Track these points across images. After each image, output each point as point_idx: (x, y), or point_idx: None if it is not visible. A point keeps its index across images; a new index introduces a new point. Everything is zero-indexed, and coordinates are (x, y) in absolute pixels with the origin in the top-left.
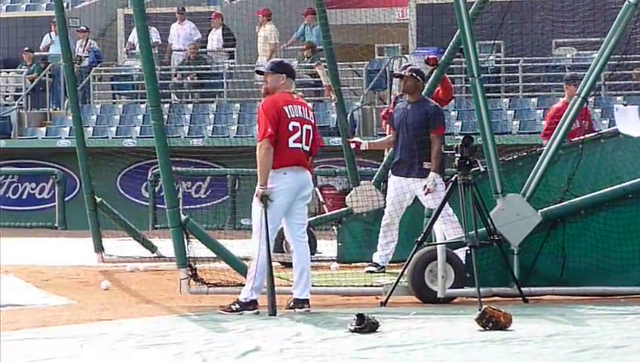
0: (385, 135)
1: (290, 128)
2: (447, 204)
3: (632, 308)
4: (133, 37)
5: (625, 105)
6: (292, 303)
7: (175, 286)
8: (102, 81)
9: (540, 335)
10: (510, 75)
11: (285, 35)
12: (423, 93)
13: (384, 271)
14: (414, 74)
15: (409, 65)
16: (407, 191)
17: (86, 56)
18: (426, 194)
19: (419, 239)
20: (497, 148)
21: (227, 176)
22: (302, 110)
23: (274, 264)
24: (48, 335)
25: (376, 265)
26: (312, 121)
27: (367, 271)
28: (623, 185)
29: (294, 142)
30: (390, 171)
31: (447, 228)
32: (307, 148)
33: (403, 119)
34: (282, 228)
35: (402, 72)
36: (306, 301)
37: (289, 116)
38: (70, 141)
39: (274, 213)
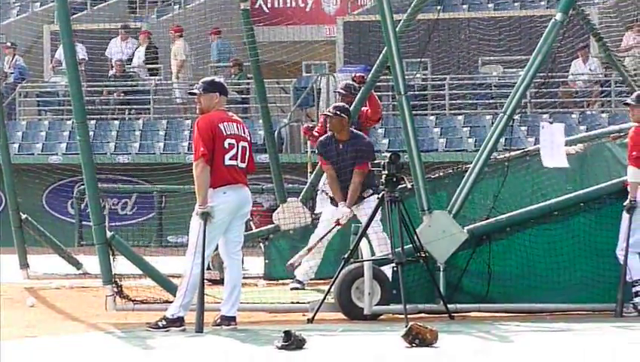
0: (307, 152)
1: (226, 145)
2: (376, 221)
3: (557, 324)
4: (60, 53)
5: (551, 122)
6: (219, 320)
7: (101, 303)
8: (27, 97)
9: (467, 351)
10: (437, 92)
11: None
12: (351, 111)
13: (304, 288)
14: (338, 112)
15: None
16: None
17: (12, 73)
18: (336, 225)
19: (346, 256)
20: (424, 165)
21: (154, 193)
22: (237, 127)
23: None
24: None
25: (299, 281)
26: (248, 137)
27: (292, 288)
28: (549, 202)
29: (230, 159)
30: (329, 200)
31: (376, 246)
32: (243, 166)
33: (336, 157)
34: None
35: (327, 111)
36: (234, 318)
37: (225, 133)
38: None
39: (213, 230)
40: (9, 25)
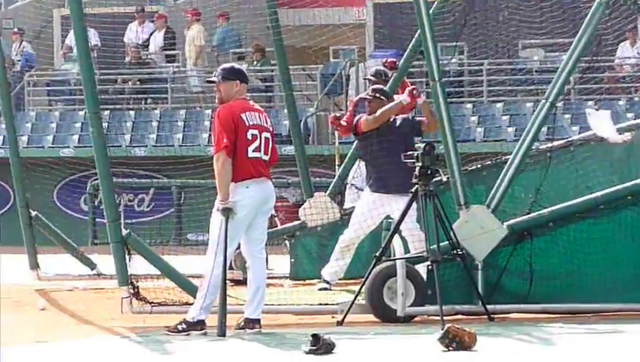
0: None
1: (249, 136)
2: (410, 217)
3: (604, 326)
4: (71, 39)
5: (597, 109)
6: (242, 323)
7: (116, 305)
8: (37, 86)
9: (507, 355)
10: (474, 78)
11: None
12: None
13: (331, 289)
14: (377, 94)
15: (373, 81)
16: (381, 209)
17: (19, 60)
18: None
19: (377, 254)
20: (460, 156)
21: (172, 188)
22: (259, 117)
23: None
24: None
25: (327, 282)
26: (271, 128)
27: (321, 289)
28: (594, 195)
29: (253, 151)
30: (369, 187)
31: (410, 243)
32: (266, 158)
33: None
34: None
35: (366, 95)
36: (258, 321)
37: (247, 124)
38: (3, 151)
39: (236, 227)
40: (16, 9)
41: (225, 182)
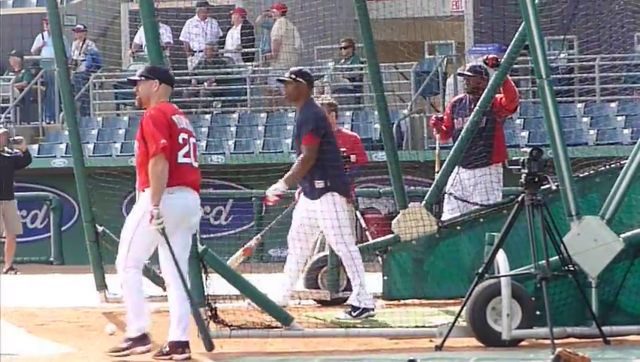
0: (436, 148)
1: (180, 140)
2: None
3: None
4: (140, 37)
5: None
6: (168, 348)
7: (192, 329)
8: (103, 89)
9: None
10: (585, 75)
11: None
12: (482, 98)
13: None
14: (293, 76)
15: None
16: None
17: (82, 60)
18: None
19: (480, 270)
20: (571, 162)
21: (252, 199)
22: (186, 122)
23: (310, 302)
24: None
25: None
26: (194, 134)
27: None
28: None
29: (184, 156)
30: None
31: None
32: (196, 165)
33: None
34: (318, 258)
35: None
36: (186, 343)
37: (178, 126)
38: (67, 160)
39: (145, 237)
40: (79, 4)
41: (161, 187)
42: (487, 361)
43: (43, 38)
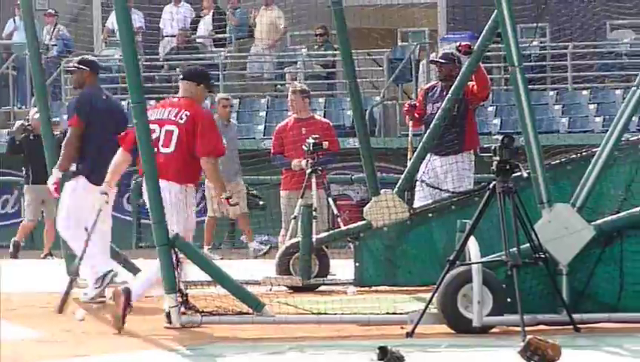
0: (408, 135)
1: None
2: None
3: None
4: (112, 22)
5: None
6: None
7: (163, 315)
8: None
9: None
10: (557, 63)
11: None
12: (454, 86)
13: None
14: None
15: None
16: None
17: (54, 45)
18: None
19: (451, 258)
20: (543, 149)
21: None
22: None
23: (281, 288)
24: None
25: None
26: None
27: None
28: None
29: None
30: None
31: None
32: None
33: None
34: (290, 245)
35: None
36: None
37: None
38: None
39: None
40: None
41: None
42: (458, 348)
43: (14, 23)
